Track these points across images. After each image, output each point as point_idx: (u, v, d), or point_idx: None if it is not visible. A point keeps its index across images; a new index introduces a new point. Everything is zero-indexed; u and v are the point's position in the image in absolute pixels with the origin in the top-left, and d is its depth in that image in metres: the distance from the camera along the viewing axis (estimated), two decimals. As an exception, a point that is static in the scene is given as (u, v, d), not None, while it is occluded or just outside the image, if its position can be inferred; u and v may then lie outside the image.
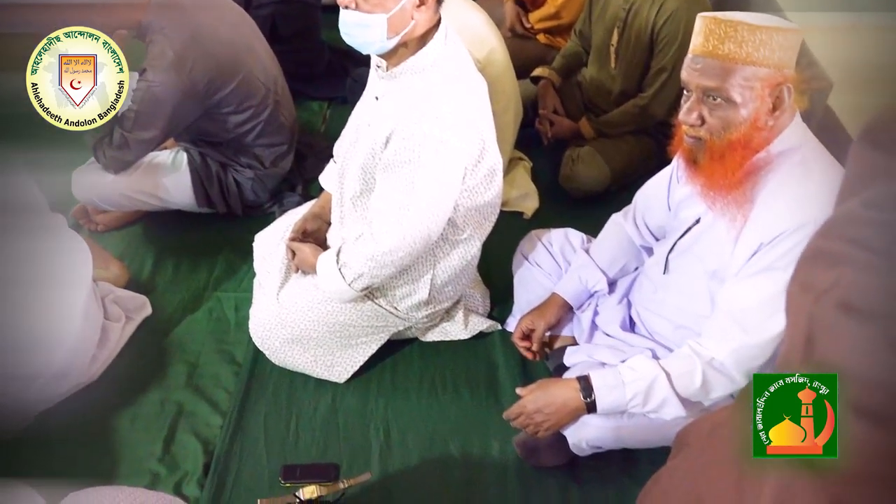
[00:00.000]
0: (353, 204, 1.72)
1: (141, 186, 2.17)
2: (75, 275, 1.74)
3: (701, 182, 1.37)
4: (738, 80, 1.26)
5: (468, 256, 1.76)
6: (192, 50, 1.97)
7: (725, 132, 1.30)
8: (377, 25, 1.46)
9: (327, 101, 2.93)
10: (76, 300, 1.71)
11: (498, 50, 2.27)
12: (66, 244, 1.76)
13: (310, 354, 1.80)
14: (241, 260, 2.17)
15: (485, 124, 1.62)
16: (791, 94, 1.27)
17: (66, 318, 1.68)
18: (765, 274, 1.28)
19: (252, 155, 2.25)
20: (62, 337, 1.66)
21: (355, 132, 1.75)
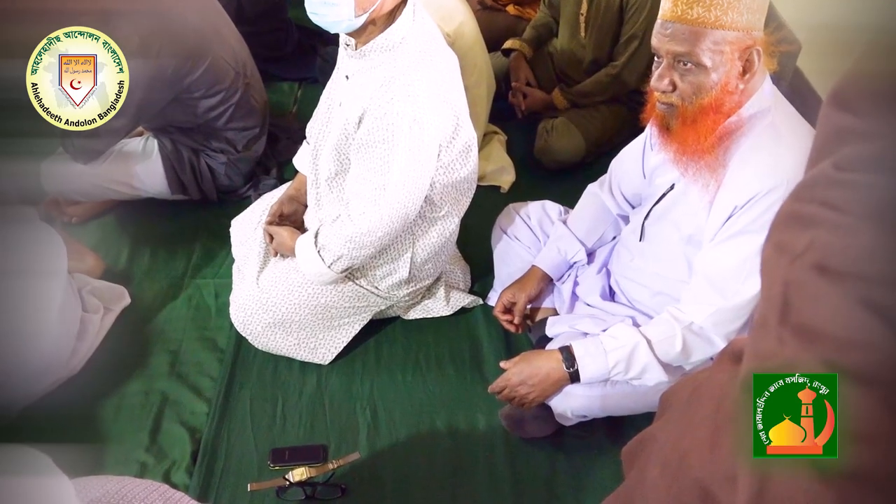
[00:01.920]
0: (329, 185, 1.71)
1: (112, 175, 2.13)
2: (50, 267, 1.72)
3: (674, 148, 1.38)
4: (707, 45, 1.26)
5: (447, 233, 1.76)
6: (158, 36, 1.93)
7: (697, 97, 1.30)
8: (344, 4, 1.44)
9: (298, 82, 2.90)
10: (52, 293, 1.69)
11: (467, 23, 2.25)
12: (38, 236, 1.73)
13: (293, 338, 1.80)
14: (218, 246, 2.16)
15: (457, 100, 1.61)
16: (760, 56, 1.28)
17: (43, 312, 1.66)
18: (740, 237, 1.30)
19: (224, 139, 2.22)
20: (40, 331, 1.64)
21: (327, 112, 1.73)
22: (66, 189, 2.14)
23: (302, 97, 2.82)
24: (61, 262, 1.76)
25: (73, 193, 2.15)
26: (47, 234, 1.77)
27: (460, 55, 1.69)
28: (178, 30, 1.98)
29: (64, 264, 1.77)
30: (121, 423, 1.72)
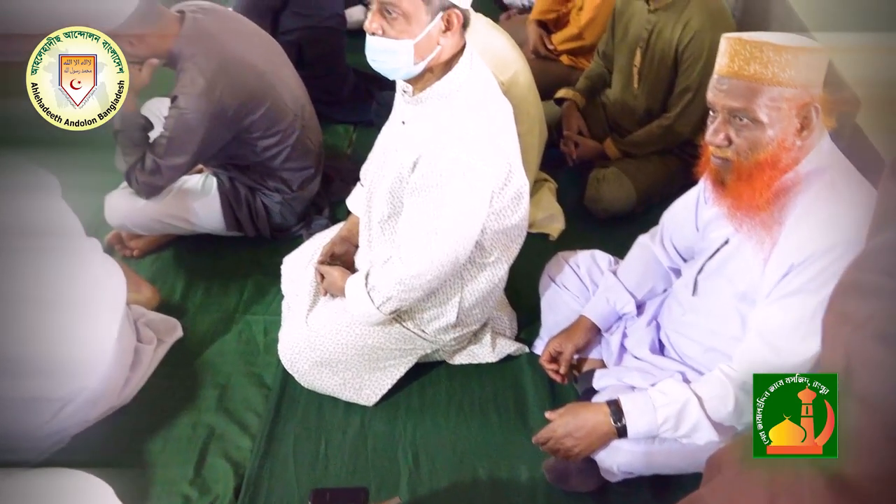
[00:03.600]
0: (381, 227, 1.74)
1: (172, 211, 2.21)
2: (110, 298, 1.78)
3: (728, 203, 1.37)
4: (764, 101, 1.25)
5: (495, 279, 1.77)
6: (222, 77, 2.01)
7: (753, 153, 1.30)
8: (403, 51, 1.48)
9: (353, 125, 2.97)
10: (111, 324, 1.74)
11: (521, 72, 2.28)
12: (102, 268, 1.79)
13: (338, 377, 1.81)
14: (269, 283, 2.20)
15: (510, 147, 1.63)
16: (819, 113, 1.27)
17: (101, 342, 1.71)
18: (796, 297, 1.27)
19: (280, 179, 2.28)
20: (97, 360, 1.69)
21: (382, 156, 1.77)
22: (128, 222, 2.21)
23: (356, 140, 2.89)
24: (121, 293, 1.82)
25: (135, 227, 2.23)
26: (110, 266, 1.83)
27: (514, 103, 1.72)
28: (241, 72, 2.06)
29: (124, 295, 1.82)
30: (167, 454, 1.75)
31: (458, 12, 1.49)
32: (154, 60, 2.00)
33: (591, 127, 2.58)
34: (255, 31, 2.27)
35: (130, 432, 1.79)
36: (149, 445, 1.76)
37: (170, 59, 2.02)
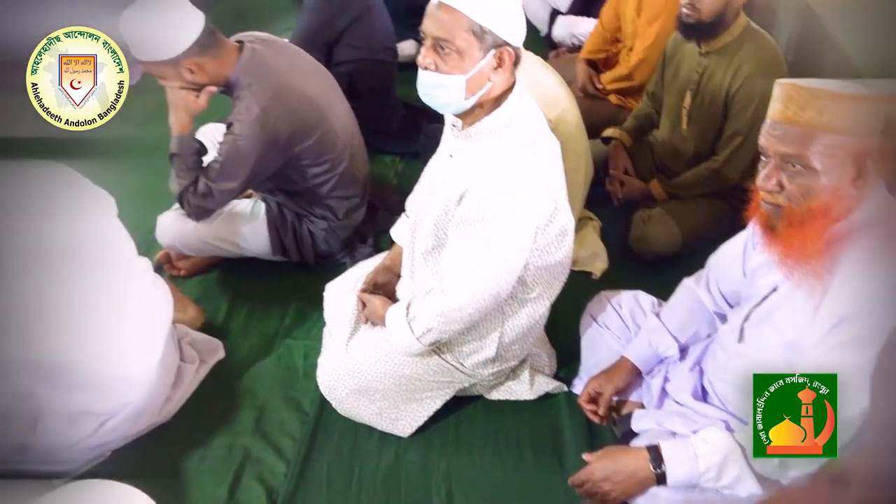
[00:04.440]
0: (425, 258, 1.75)
1: (220, 233, 2.25)
2: (158, 317, 1.82)
3: (778, 250, 1.35)
4: (818, 148, 1.24)
5: (536, 315, 1.76)
6: (277, 105, 2.06)
7: (805, 200, 1.28)
8: (455, 86, 1.51)
9: (400, 156, 3.01)
10: (157, 342, 1.78)
11: (570, 110, 2.30)
12: (151, 287, 1.83)
13: (375, 406, 1.81)
14: (311, 309, 2.22)
15: (557, 185, 1.63)
16: (875, 162, 1.25)
17: (147, 359, 1.74)
18: (846, 349, 1.24)
19: (326, 206, 2.31)
20: (141, 377, 1.72)
21: (429, 188, 1.79)
22: (178, 243, 2.27)
23: (403, 171, 2.92)
24: (168, 313, 1.86)
25: (184, 247, 2.28)
26: (159, 284, 1.88)
27: (561, 140, 1.73)
28: (295, 101, 2.11)
29: (170, 314, 1.86)
30: (203, 473, 1.76)
31: (510, 50, 1.51)
32: (212, 88, 2.06)
33: (637, 167, 2.57)
34: (309, 62, 2.33)
35: (168, 450, 1.81)
36: (186, 464, 1.78)
37: (227, 87, 2.08)
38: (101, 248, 1.68)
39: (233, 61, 2.06)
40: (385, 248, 2.19)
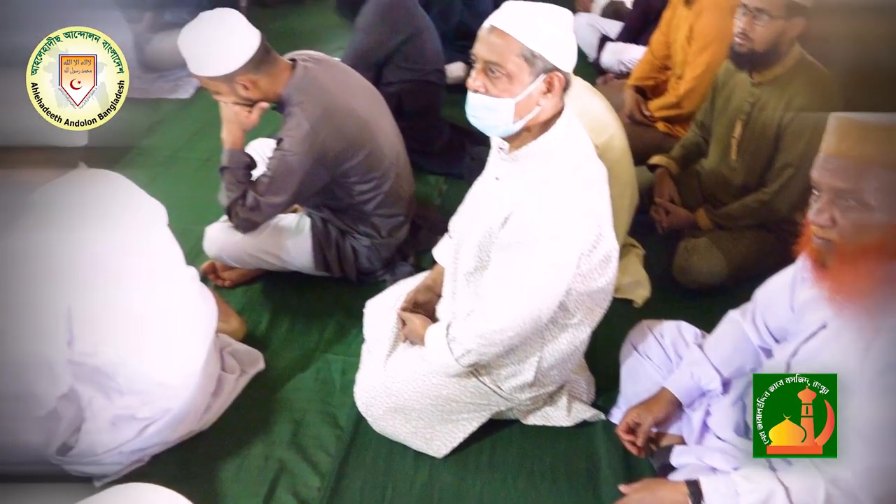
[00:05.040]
0: (466, 279, 1.75)
1: (266, 247, 2.29)
2: (202, 326, 1.85)
3: (829, 286, 1.32)
4: (873, 183, 1.21)
5: (577, 342, 1.74)
6: (326, 123, 2.10)
7: (858, 236, 1.25)
8: (504, 110, 1.51)
9: (444, 177, 3.03)
10: (200, 350, 1.81)
11: (617, 136, 2.29)
12: (197, 296, 1.87)
13: (411, 425, 1.81)
14: (351, 324, 2.23)
15: (603, 211, 1.63)
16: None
17: (190, 367, 1.77)
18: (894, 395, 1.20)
19: (370, 224, 2.34)
20: (183, 384, 1.75)
21: (473, 209, 1.79)
22: (224, 254, 2.31)
23: (447, 192, 2.94)
24: (213, 322, 1.89)
25: (230, 259, 2.32)
26: (204, 294, 1.91)
27: (607, 166, 1.72)
28: (344, 119, 2.15)
29: (214, 324, 1.90)
30: (239, 483, 1.78)
31: (559, 75, 1.52)
32: (264, 104, 2.11)
33: (683, 196, 2.54)
34: (359, 81, 2.37)
35: (206, 457, 1.83)
36: (222, 473, 1.80)
37: (279, 104, 2.13)
38: (151, 255, 1.72)
39: (285, 79, 2.10)
40: (426, 268, 2.20)
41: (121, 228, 1.64)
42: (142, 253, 1.68)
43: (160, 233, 1.79)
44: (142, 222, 1.72)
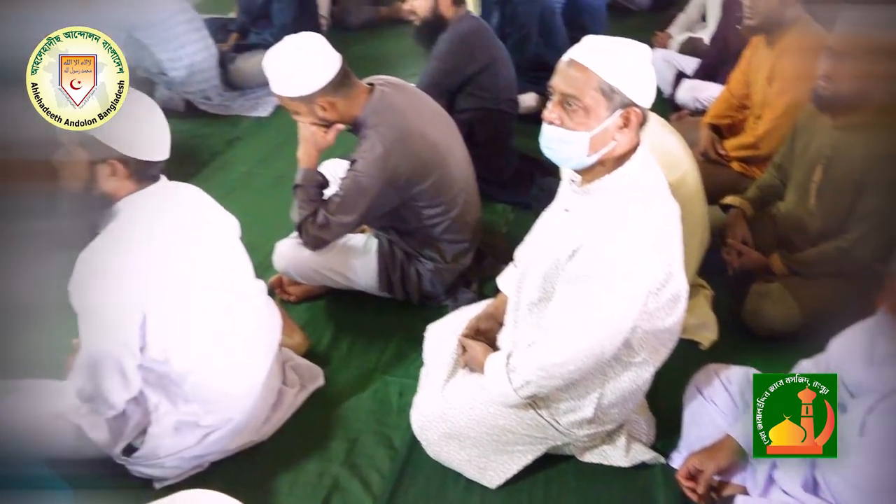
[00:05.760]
0: (529, 310, 1.74)
1: (332, 265, 2.33)
2: (267, 338, 1.89)
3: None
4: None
5: (639, 381, 1.71)
6: (399, 146, 2.14)
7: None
8: (578, 143, 1.51)
9: (511, 205, 3.03)
10: (264, 362, 1.84)
11: (690, 173, 2.25)
12: (264, 309, 1.91)
13: (465, 453, 1.80)
14: (411, 347, 2.24)
15: (674, 250, 1.60)
16: None
17: (253, 378, 1.81)
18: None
19: (436, 248, 2.35)
20: (246, 395, 1.79)
21: (540, 240, 1.79)
22: (292, 269, 2.36)
23: (513, 220, 2.94)
24: (277, 335, 1.93)
25: (297, 274, 2.37)
26: (271, 307, 1.95)
27: (680, 204, 1.69)
28: (417, 144, 2.18)
29: (278, 337, 1.93)
30: (293, 497, 1.79)
31: (637, 111, 1.51)
32: (340, 125, 2.16)
33: (756, 238, 2.47)
34: (433, 107, 2.41)
35: (262, 469, 1.86)
36: (277, 485, 1.82)
37: (354, 126, 2.18)
38: (223, 267, 1.77)
39: (362, 102, 2.15)
40: (489, 295, 2.20)
41: (196, 240, 1.70)
42: (214, 264, 1.74)
43: (232, 245, 1.84)
44: (215, 235, 1.78)
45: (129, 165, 1.57)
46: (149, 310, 1.58)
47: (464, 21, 2.91)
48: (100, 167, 1.55)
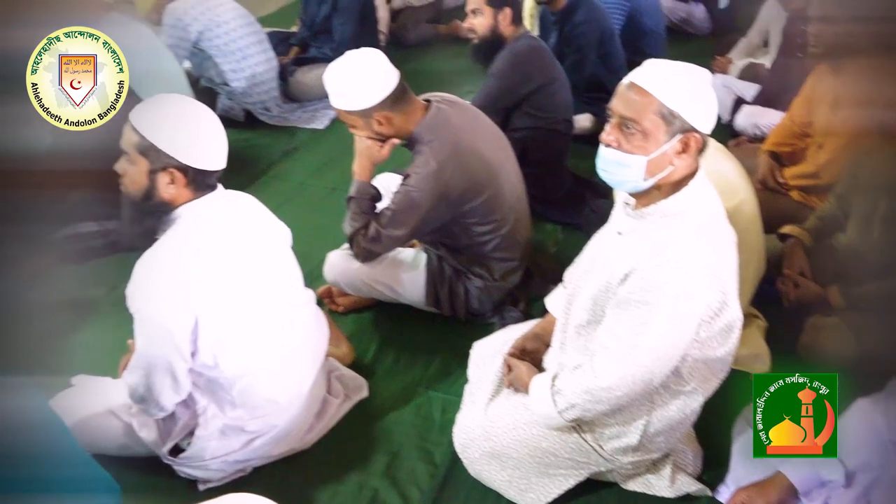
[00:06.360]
0: (577, 332, 1.72)
1: (381, 277, 2.35)
2: (314, 347, 1.91)
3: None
4: None
5: (687, 410, 1.67)
6: (452, 163, 2.15)
7: None
8: (635, 166, 1.50)
9: (562, 226, 3.01)
10: (310, 371, 1.87)
11: (747, 201, 2.21)
12: (313, 318, 1.94)
13: (506, 474, 1.79)
14: (455, 363, 2.24)
15: (729, 278, 1.57)
16: None
17: (299, 386, 1.83)
18: None
19: (485, 266, 2.35)
20: (291, 402, 1.81)
21: (591, 262, 1.77)
22: (341, 280, 2.39)
23: (563, 241, 2.92)
24: (324, 344, 1.95)
25: (346, 285, 2.40)
26: (320, 317, 1.98)
27: (736, 232, 1.67)
28: (470, 161, 2.19)
29: (325, 347, 1.96)
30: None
31: (697, 136, 1.50)
32: (395, 140, 2.19)
33: (814, 270, 2.41)
34: (488, 125, 2.42)
35: (303, 477, 1.88)
36: (317, 494, 1.84)
37: (409, 141, 2.20)
38: (274, 275, 1.80)
39: (418, 118, 2.17)
40: (536, 315, 2.19)
41: (249, 249, 1.74)
42: (265, 273, 1.77)
43: (283, 254, 1.87)
44: (268, 244, 1.81)
45: (187, 174, 1.61)
46: (201, 316, 1.61)
47: (522, 40, 2.91)
48: (160, 175, 1.60)
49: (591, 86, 3.53)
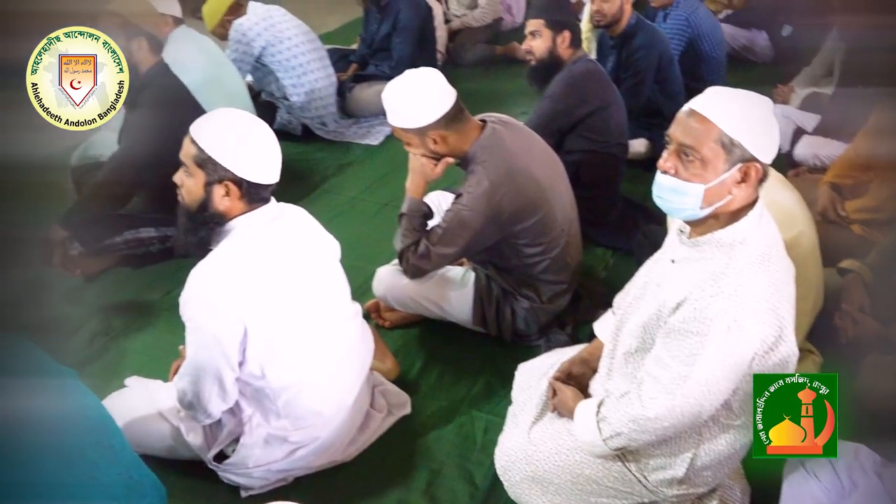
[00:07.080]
0: (626, 359, 1.70)
1: (429, 294, 2.36)
2: (359, 361, 1.93)
3: None
4: None
5: (737, 445, 1.63)
6: (505, 183, 2.15)
7: None
8: (693, 194, 1.47)
9: (613, 250, 2.98)
10: (355, 384, 1.88)
11: (806, 233, 2.15)
12: (359, 332, 1.95)
13: (546, 499, 1.76)
14: (499, 384, 2.23)
15: (786, 311, 1.52)
16: None
17: (343, 399, 1.85)
18: None
19: (533, 287, 2.34)
20: (334, 414, 1.83)
21: (642, 289, 1.74)
22: (389, 296, 2.41)
23: (613, 265, 2.89)
24: (369, 358, 1.96)
25: (393, 301, 2.41)
26: (366, 330, 1.99)
27: (793, 264, 1.62)
28: (523, 182, 2.19)
29: (370, 361, 1.97)
30: (372, 523, 1.81)
31: (757, 166, 1.47)
32: (450, 159, 2.20)
33: (875, 307, 2.33)
34: (542, 146, 2.41)
35: (344, 489, 1.89)
36: (356, 509, 1.84)
37: (463, 160, 2.21)
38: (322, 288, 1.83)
39: (473, 137, 2.19)
40: (582, 339, 2.17)
41: (298, 261, 1.76)
42: (314, 285, 1.79)
43: (332, 268, 1.90)
44: (317, 257, 1.84)
45: (241, 187, 1.65)
46: (250, 326, 1.64)
47: (579, 63, 2.91)
48: (215, 187, 1.64)
49: (647, 111, 3.50)
